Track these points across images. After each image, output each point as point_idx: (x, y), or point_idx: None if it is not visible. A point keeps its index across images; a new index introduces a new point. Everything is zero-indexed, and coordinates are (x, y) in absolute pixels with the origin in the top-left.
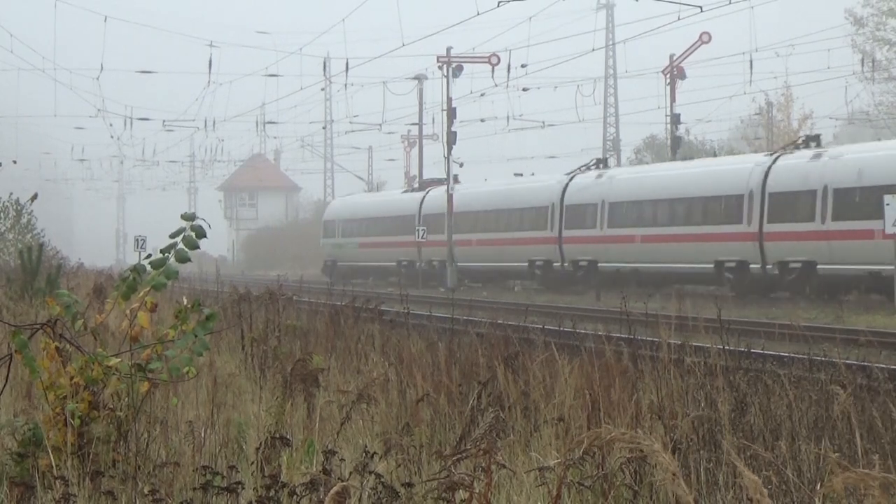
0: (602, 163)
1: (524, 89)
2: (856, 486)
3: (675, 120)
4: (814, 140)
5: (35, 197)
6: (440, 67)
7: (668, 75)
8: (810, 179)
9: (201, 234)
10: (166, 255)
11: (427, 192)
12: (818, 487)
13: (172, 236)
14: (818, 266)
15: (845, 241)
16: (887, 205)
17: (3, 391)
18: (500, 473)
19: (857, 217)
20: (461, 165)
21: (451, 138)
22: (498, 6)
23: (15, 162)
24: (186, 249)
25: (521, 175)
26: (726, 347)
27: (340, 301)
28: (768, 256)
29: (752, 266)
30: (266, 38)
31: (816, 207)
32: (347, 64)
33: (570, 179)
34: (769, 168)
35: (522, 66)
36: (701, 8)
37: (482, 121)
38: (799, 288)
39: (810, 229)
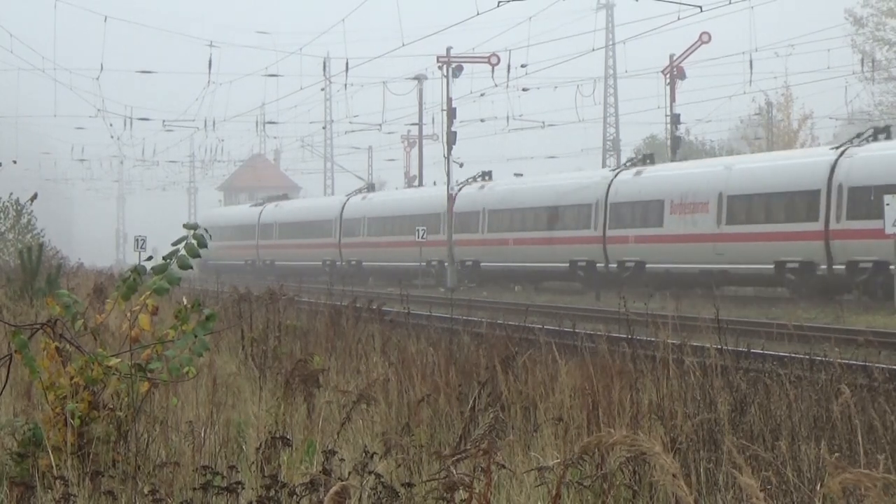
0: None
1: (524, 89)
2: (855, 486)
3: (675, 120)
4: (487, 174)
5: (35, 197)
6: (440, 67)
7: (667, 75)
8: (476, 203)
9: (202, 243)
10: (168, 261)
11: (263, 207)
12: (818, 488)
13: (175, 244)
14: (481, 264)
15: (494, 246)
16: (887, 205)
17: (3, 391)
18: (499, 473)
19: (500, 230)
20: (461, 165)
21: (451, 138)
22: (498, 6)
23: (15, 162)
24: (188, 256)
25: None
26: (725, 347)
27: (341, 301)
28: (457, 257)
29: (445, 264)
30: (266, 38)
31: (479, 223)
32: (347, 64)
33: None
34: (456, 195)
35: (522, 66)
36: (701, 8)
37: (482, 121)
38: (471, 277)
39: (476, 238)
